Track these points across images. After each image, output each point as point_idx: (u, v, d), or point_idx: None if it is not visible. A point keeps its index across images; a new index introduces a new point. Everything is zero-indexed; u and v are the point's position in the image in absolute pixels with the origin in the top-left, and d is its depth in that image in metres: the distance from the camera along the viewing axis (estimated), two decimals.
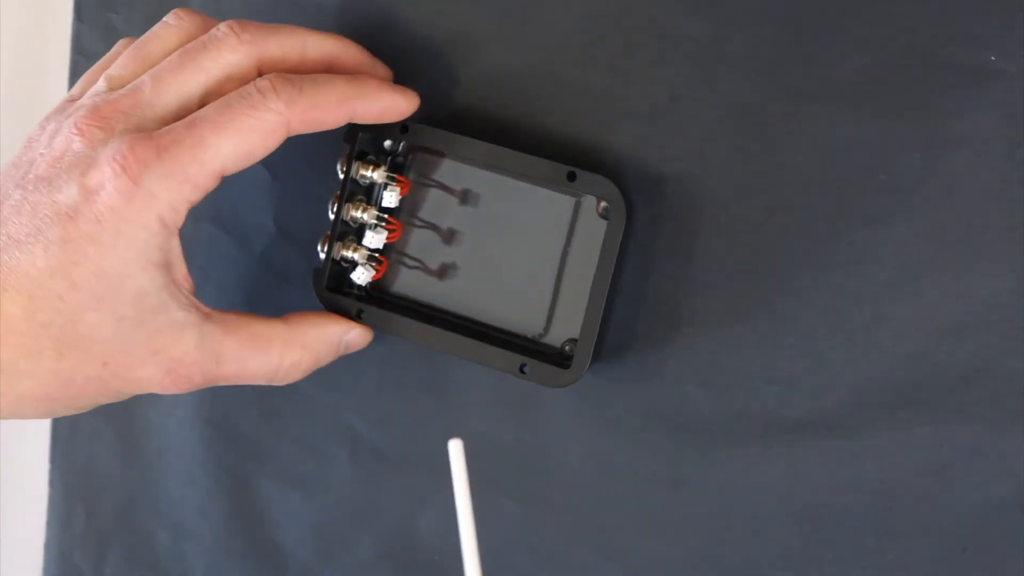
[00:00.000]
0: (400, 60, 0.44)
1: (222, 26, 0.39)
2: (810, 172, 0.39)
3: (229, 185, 0.49)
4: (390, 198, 0.42)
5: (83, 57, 0.53)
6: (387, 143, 0.43)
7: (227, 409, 0.50)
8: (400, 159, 0.43)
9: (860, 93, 0.38)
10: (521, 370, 0.41)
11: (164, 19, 0.41)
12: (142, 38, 0.41)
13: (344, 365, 0.47)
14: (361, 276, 0.43)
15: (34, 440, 0.57)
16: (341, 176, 0.43)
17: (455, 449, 0.35)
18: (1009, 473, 0.38)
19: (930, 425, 0.38)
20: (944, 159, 0.38)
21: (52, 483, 0.56)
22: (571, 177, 0.40)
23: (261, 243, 0.48)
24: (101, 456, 0.54)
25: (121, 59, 0.40)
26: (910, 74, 0.38)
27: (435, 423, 0.46)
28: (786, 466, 0.40)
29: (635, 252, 0.42)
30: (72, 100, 0.40)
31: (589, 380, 0.43)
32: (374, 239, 0.43)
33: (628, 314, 0.42)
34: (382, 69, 0.43)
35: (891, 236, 0.38)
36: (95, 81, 0.40)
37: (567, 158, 0.41)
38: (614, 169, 0.42)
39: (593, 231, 0.41)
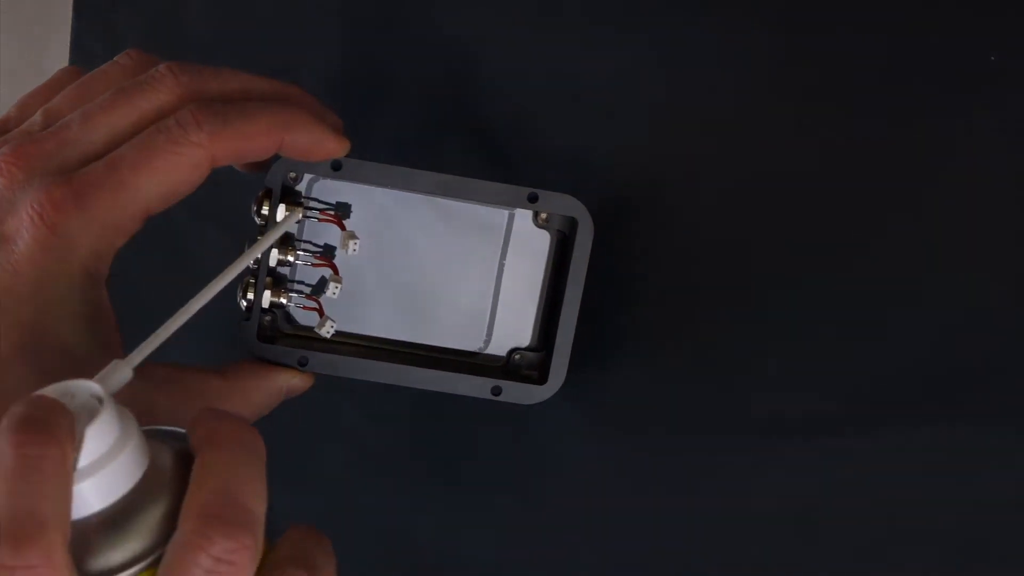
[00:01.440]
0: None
1: (161, 67, 0.37)
2: (809, 172, 0.39)
3: (229, 185, 0.48)
4: (353, 247, 0.40)
5: (83, 57, 0.53)
6: (291, 174, 0.40)
7: None
8: (298, 192, 0.41)
9: (859, 93, 0.38)
10: (494, 392, 0.40)
11: (116, 58, 0.39)
12: (88, 74, 0.39)
13: None
14: (329, 330, 0.40)
15: None
16: (258, 220, 0.39)
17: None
18: (1009, 473, 0.38)
19: (930, 425, 0.38)
20: (944, 159, 0.38)
21: None
22: (533, 199, 0.39)
23: None
24: None
25: (64, 93, 0.38)
26: (910, 74, 0.38)
27: (434, 423, 0.45)
28: (786, 466, 0.40)
29: (634, 253, 0.42)
30: (6, 122, 0.38)
31: (589, 381, 0.43)
32: (335, 290, 0.40)
33: (628, 314, 0.42)
34: (330, 116, 0.40)
35: (891, 236, 0.38)
36: (32, 108, 0.38)
37: (530, 177, 0.40)
38: (599, 175, 0.41)
39: (531, 240, 0.41)
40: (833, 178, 0.39)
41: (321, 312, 0.41)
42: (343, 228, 0.40)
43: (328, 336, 0.41)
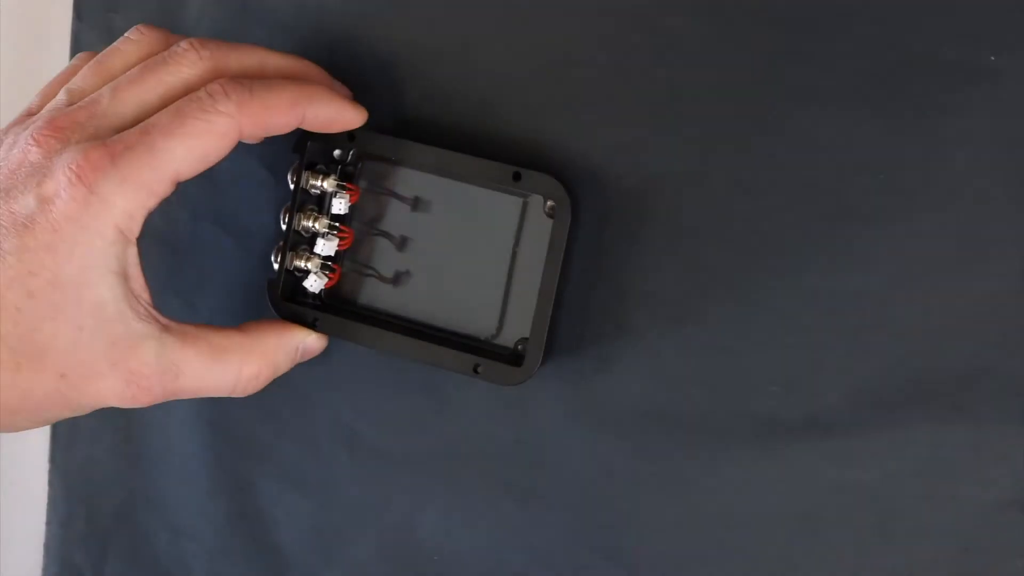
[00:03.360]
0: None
1: (183, 42, 0.39)
2: (809, 171, 0.39)
3: (230, 185, 0.49)
4: (339, 205, 0.43)
5: None
6: (336, 152, 0.44)
7: (227, 409, 0.50)
8: (350, 168, 0.44)
9: (859, 93, 0.38)
10: (475, 370, 0.42)
11: (126, 34, 0.41)
12: (103, 52, 0.41)
13: (344, 365, 0.47)
14: (314, 284, 0.44)
15: (34, 440, 0.57)
16: (292, 186, 0.43)
17: None
18: (1009, 473, 0.38)
19: (930, 425, 0.38)
20: (943, 159, 0.38)
21: (52, 483, 0.56)
22: (516, 177, 0.41)
23: (261, 243, 0.48)
24: (101, 456, 0.54)
25: (82, 72, 0.40)
26: (910, 74, 0.38)
27: (434, 423, 0.46)
28: (786, 466, 0.40)
29: (631, 249, 0.42)
30: (30, 113, 0.40)
31: (589, 380, 0.43)
32: (325, 247, 0.43)
33: (627, 313, 0.42)
34: (341, 88, 0.43)
35: (891, 236, 0.38)
36: (54, 94, 0.40)
37: (519, 159, 0.41)
38: (596, 169, 0.42)
39: (541, 231, 0.41)
40: (831, 176, 0.39)
41: (336, 277, 0.44)
42: (352, 190, 0.44)
43: (313, 290, 0.44)
